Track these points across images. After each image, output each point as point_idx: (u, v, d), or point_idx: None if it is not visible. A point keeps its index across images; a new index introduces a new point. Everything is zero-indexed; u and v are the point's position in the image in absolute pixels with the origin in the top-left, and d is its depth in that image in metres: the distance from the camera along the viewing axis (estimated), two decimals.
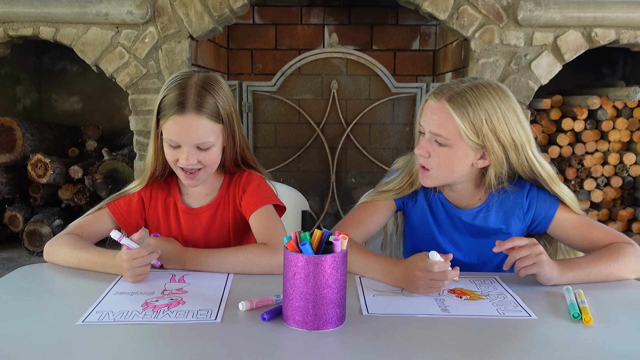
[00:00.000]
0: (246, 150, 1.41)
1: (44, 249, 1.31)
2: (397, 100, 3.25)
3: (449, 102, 1.24)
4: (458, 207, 1.38)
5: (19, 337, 0.92)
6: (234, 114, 1.33)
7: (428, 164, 1.29)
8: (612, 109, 3.26)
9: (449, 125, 1.24)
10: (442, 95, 1.25)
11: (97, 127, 3.86)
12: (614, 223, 3.32)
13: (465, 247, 1.40)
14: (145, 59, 3.09)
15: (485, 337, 0.94)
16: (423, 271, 1.10)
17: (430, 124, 1.27)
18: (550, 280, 1.17)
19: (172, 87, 1.27)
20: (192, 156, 1.27)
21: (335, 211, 3.31)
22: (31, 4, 3.02)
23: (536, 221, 1.36)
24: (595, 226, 1.32)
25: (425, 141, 1.28)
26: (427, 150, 1.28)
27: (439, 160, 1.27)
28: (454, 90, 1.25)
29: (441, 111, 1.25)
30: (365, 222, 1.39)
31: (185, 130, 1.25)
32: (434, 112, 1.26)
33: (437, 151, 1.27)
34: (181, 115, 1.24)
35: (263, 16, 4.12)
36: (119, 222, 1.39)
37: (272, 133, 3.28)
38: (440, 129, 1.25)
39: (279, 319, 0.99)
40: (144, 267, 1.17)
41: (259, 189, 1.39)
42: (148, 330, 0.95)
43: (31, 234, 3.33)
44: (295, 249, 0.96)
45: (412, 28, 4.12)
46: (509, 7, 3.01)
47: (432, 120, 1.26)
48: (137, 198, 1.40)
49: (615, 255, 1.22)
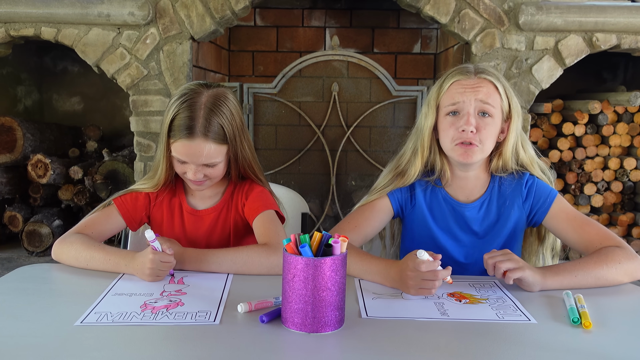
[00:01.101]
0: (253, 163, 1.42)
1: (53, 247, 1.31)
2: (398, 103, 3.25)
3: (485, 75, 1.32)
4: (462, 202, 1.39)
5: (17, 338, 0.91)
6: (239, 131, 1.35)
7: (476, 138, 1.30)
8: (613, 113, 3.26)
9: (495, 95, 1.32)
10: (471, 72, 1.33)
11: (98, 127, 3.86)
12: (614, 228, 3.32)
13: (468, 242, 1.40)
14: (147, 60, 3.09)
15: (484, 341, 0.94)
16: (413, 271, 1.11)
17: (477, 96, 1.30)
18: (534, 285, 1.16)
19: (183, 108, 1.29)
20: (199, 172, 1.33)
21: (335, 214, 3.31)
22: (33, 4, 3.02)
23: (534, 210, 1.37)
24: (589, 223, 1.33)
25: (473, 116, 1.30)
26: (477, 123, 1.30)
27: (486, 132, 1.31)
28: (477, 67, 1.34)
29: (484, 83, 1.31)
30: (362, 225, 1.39)
31: (193, 153, 1.30)
32: (476, 85, 1.31)
33: (484, 123, 1.31)
34: (190, 140, 1.28)
35: (264, 18, 4.12)
36: (124, 218, 1.41)
37: (273, 135, 3.28)
38: (490, 99, 1.31)
39: (277, 321, 0.99)
40: (165, 271, 1.20)
41: (262, 195, 1.43)
42: (146, 331, 0.95)
43: (31, 234, 3.33)
44: (295, 251, 0.96)
45: (414, 31, 4.12)
46: (510, 11, 3.01)
47: (478, 92, 1.30)
48: (143, 194, 1.43)
49: (603, 258, 1.21)
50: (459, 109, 1.31)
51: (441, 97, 1.35)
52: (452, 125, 1.32)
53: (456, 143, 1.32)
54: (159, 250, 1.19)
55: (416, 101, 3.22)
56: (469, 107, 1.30)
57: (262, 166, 1.51)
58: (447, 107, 1.33)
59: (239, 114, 1.36)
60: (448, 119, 1.33)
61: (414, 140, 1.42)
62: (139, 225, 1.45)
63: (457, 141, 1.32)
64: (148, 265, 1.18)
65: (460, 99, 1.31)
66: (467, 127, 1.29)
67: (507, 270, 1.14)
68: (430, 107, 1.37)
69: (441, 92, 1.35)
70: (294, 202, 1.71)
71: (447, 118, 1.33)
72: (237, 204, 1.44)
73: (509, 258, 1.15)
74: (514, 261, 1.15)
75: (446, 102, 1.34)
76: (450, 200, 1.40)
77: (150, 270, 1.18)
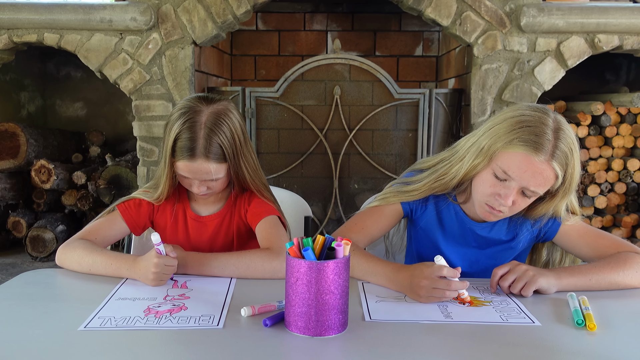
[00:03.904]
0: (255, 179, 1.42)
1: (57, 252, 1.32)
2: (400, 106, 3.24)
3: (557, 163, 1.17)
4: (474, 220, 1.36)
5: (21, 343, 0.92)
6: (240, 147, 1.36)
7: (505, 209, 1.23)
8: (616, 114, 3.25)
9: (549, 183, 1.19)
10: (545, 153, 1.16)
11: (101, 133, 3.87)
12: (618, 229, 3.31)
13: (472, 255, 1.39)
14: (149, 65, 3.10)
15: (488, 343, 0.93)
16: (428, 279, 1.09)
17: (530, 183, 1.18)
18: (550, 289, 1.16)
19: (184, 129, 1.30)
20: (202, 186, 1.35)
21: (338, 217, 3.30)
22: (36, 10, 3.03)
23: (543, 230, 1.35)
24: (601, 235, 1.31)
25: (514, 193, 1.20)
26: (515, 199, 1.21)
27: (518, 206, 1.24)
28: (555, 148, 1.16)
29: (547, 172, 1.17)
30: (369, 227, 1.37)
31: (195, 171, 1.32)
32: (538, 172, 1.17)
33: (522, 200, 1.22)
34: (192, 161, 1.31)
35: (266, 22, 4.13)
36: (128, 223, 1.41)
37: (275, 139, 3.28)
38: (541, 188, 1.19)
39: (281, 325, 0.99)
40: (168, 275, 1.21)
41: (264, 200, 1.44)
42: (150, 336, 0.95)
43: (34, 239, 3.33)
44: (298, 255, 0.96)
45: (415, 34, 4.13)
46: (512, 13, 3.01)
47: (534, 179, 1.17)
48: (147, 201, 1.44)
49: (621, 263, 1.20)
50: (508, 179, 1.20)
51: (500, 152, 1.20)
52: (492, 187, 1.22)
53: (486, 202, 1.24)
54: (163, 254, 1.19)
55: (418, 104, 3.22)
56: (517, 185, 1.19)
57: (265, 170, 1.51)
58: (498, 169, 1.20)
59: (242, 128, 1.36)
60: (492, 178, 1.22)
61: (456, 162, 1.31)
62: (143, 230, 1.46)
63: (488, 202, 1.24)
64: (152, 270, 1.18)
65: (515, 177, 1.18)
66: (503, 202, 1.20)
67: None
68: (486, 152, 1.22)
69: (505, 148, 1.19)
70: (296, 205, 1.71)
71: (492, 177, 1.22)
72: (240, 210, 1.45)
73: (518, 277, 1.14)
74: (524, 278, 1.14)
75: (501, 163, 1.20)
76: (462, 215, 1.37)
77: (154, 274, 1.18)
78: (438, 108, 3.23)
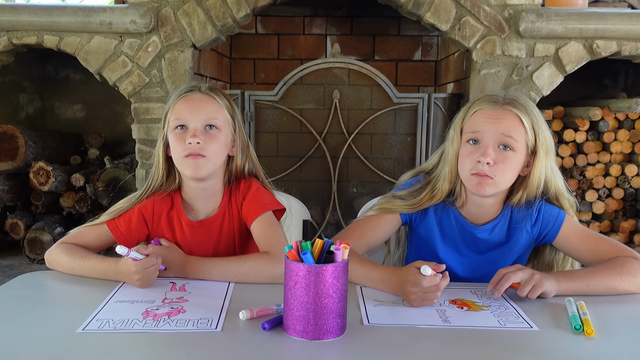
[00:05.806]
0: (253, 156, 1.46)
1: (45, 258, 1.32)
2: (399, 111, 3.25)
3: (512, 107, 1.27)
4: (473, 224, 1.37)
5: (19, 345, 0.91)
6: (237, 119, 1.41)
7: (492, 171, 1.26)
8: (614, 120, 3.26)
9: (519, 129, 1.27)
10: (498, 102, 1.28)
11: (100, 135, 3.87)
12: (615, 234, 3.31)
13: (473, 259, 1.39)
14: (148, 67, 3.10)
15: (486, 348, 0.94)
16: (414, 286, 1.10)
17: (499, 128, 1.26)
18: (551, 292, 1.17)
19: (182, 91, 1.37)
20: (199, 134, 1.31)
21: (336, 221, 3.30)
22: (35, 12, 3.03)
23: (543, 233, 1.35)
24: (602, 239, 1.31)
25: (491, 148, 1.26)
26: (495, 156, 1.26)
27: (504, 166, 1.26)
28: (507, 96, 1.30)
29: (509, 115, 1.27)
30: (366, 235, 1.38)
31: (194, 106, 1.34)
32: (500, 116, 1.27)
33: (503, 157, 1.26)
34: (191, 94, 1.35)
35: (266, 26, 4.14)
36: (119, 241, 1.37)
37: (274, 142, 3.29)
38: (513, 132, 1.26)
39: (279, 328, 0.99)
40: (154, 274, 1.21)
41: (257, 194, 1.41)
42: (148, 338, 0.95)
43: (32, 241, 3.32)
44: (297, 259, 0.96)
45: (414, 39, 4.14)
46: (511, 19, 3.02)
47: (501, 124, 1.26)
48: (136, 215, 1.38)
49: (619, 269, 1.20)
50: (479, 138, 1.28)
51: (465, 123, 1.32)
52: (470, 155, 1.28)
53: (472, 173, 1.27)
54: (139, 258, 1.18)
55: (417, 108, 3.22)
56: (489, 138, 1.26)
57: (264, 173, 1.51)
58: (468, 134, 1.30)
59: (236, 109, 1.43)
60: (468, 147, 1.30)
61: (441, 165, 1.39)
62: (137, 244, 1.40)
63: (473, 171, 1.27)
64: (135, 277, 1.18)
65: (482, 129, 1.27)
66: (483, 159, 1.25)
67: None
68: (455, 132, 1.34)
69: (466, 117, 1.32)
70: (295, 209, 1.71)
71: (467, 146, 1.30)
72: (236, 206, 1.42)
73: (526, 279, 1.15)
74: (532, 280, 1.14)
75: (468, 129, 1.31)
76: (461, 220, 1.37)
77: (139, 281, 1.19)
78: (437, 112, 3.23)
